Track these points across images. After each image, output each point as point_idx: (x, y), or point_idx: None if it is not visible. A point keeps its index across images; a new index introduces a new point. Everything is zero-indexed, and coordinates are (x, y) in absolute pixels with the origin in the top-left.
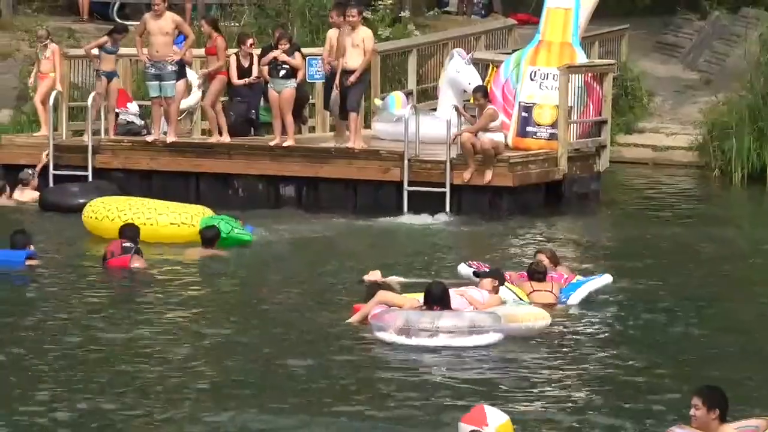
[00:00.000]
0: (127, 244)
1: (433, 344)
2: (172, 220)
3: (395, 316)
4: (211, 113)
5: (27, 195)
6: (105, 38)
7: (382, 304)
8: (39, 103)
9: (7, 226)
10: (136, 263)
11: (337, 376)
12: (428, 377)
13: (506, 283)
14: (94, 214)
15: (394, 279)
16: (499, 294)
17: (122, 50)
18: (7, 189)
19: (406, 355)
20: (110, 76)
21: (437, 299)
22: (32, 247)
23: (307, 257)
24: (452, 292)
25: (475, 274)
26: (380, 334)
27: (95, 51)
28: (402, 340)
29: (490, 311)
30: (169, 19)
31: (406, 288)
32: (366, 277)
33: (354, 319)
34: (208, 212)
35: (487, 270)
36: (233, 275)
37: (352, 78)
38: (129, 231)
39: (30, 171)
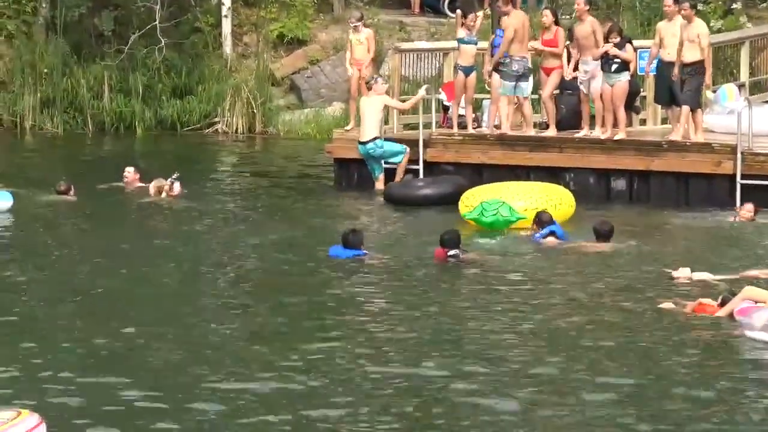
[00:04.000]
0: (452, 253)
1: None
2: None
3: (762, 313)
4: (551, 105)
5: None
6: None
7: (748, 299)
8: (355, 93)
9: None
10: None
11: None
12: None
13: None
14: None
15: (704, 276)
16: None
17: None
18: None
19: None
20: (467, 71)
21: None
22: (363, 248)
23: (641, 253)
24: None
25: None
26: (748, 332)
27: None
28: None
29: None
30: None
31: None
32: (675, 274)
33: (721, 313)
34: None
35: None
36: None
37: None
38: (449, 237)
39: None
